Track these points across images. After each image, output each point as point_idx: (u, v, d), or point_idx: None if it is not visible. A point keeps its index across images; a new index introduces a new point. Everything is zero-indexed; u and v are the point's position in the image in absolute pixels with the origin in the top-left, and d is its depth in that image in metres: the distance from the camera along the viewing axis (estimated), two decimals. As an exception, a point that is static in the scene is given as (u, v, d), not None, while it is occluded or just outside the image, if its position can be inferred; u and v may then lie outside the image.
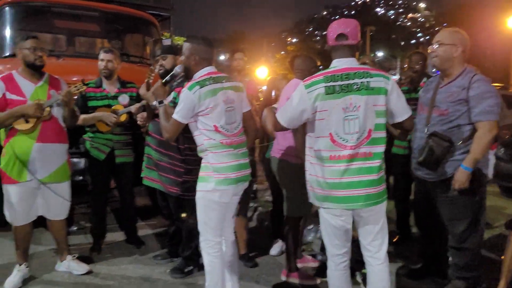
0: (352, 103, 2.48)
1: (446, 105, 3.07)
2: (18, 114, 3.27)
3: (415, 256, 3.92)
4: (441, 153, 3.02)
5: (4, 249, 4.18)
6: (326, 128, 2.52)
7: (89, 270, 3.75)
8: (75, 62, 5.15)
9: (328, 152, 2.53)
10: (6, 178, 3.37)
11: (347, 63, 2.56)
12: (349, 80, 2.48)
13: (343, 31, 2.57)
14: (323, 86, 2.48)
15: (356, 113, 2.49)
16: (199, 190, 2.89)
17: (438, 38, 3.13)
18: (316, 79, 2.52)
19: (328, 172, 2.54)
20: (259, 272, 3.88)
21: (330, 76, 2.50)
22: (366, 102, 2.48)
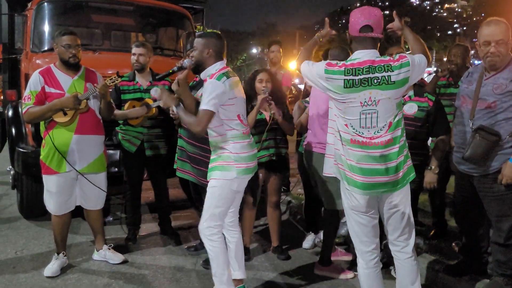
0: (372, 98, 2.43)
1: (493, 98, 2.94)
2: (57, 107, 3.35)
3: (452, 252, 3.82)
4: (488, 148, 2.90)
5: (43, 238, 4.32)
6: (344, 118, 2.51)
7: (125, 259, 3.83)
8: (111, 55, 5.23)
9: (349, 135, 2.51)
10: (46, 169, 3.47)
11: (369, 55, 2.47)
12: (369, 74, 2.42)
13: (368, 22, 2.46)
14: (342, 79, 2.43)
15: (375, 108, 2.44)
16: (218, 178, 2.91)
17: (497, 38, 2.92)
18: (337, 70, 2.46)
19: (348, 153, 2.53)
20: (292, 265, 3.86)
21: (351, 69, 2.44)
22: (386, 96, 2.43)
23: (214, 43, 2.92)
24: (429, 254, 3.80)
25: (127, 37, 6.45)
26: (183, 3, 6.14)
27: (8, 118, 5.13)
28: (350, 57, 2.51)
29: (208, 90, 2.80)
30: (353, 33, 2.50)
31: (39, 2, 5.05)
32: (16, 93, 5.43)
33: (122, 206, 4.83)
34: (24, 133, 4.69)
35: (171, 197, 4.48)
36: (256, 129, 3.75)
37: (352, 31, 2.51)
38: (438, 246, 4.02)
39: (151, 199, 5.13)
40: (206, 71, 2.93)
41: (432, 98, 3.43)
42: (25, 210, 4.87)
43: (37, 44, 4.96)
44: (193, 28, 6.04)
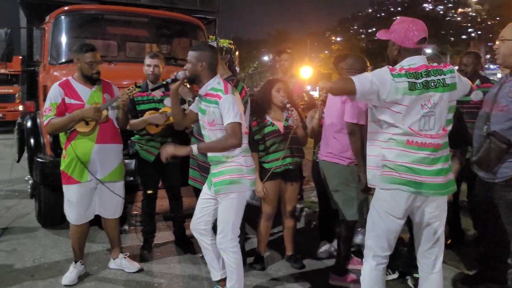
0: (431, 100, 2.47)
1: (506, 101, 2.95)
2: (78, 118, 3.45)
3: (469, 261, 3.78)
4: (497, 154, 2.90)
5: (60, 246, 4.39)
6: (401, 122, 2.49)
7: (140, 268, 3.88)
8: (126, 66, 5.33)
9: (405, 137, 2.50)
10: (67, 179, 3.54)
11: (422, 61, 2.53)
12: (428, 77, 2.48)
13: (425, 35, 2.54)
14: (407, 81, 2.45)
15: (433, 110, 2.49)
16: (235, 191, 3.00)
17: (501, 34, 3.04)
18: (401, 73, 2.47)
19: (401, 155, 2.51)
20: (306, 274, 3.87)
21: (412, 73, 2.47)
22: (443, 99, 2.50)
23: (207, 56, 2.98)
24: (445, 263, 3.77)
25: (141, 48, 6.56)
26: (196, 14, 6.22)
27: (26, 128, 5.24)
28: (403, 63, 2.54)
29: (228, 104, 2.87)
30: (408, 45, 2.53)
31: (57, 15, 5.17)
32: (34, 104, 5.56)
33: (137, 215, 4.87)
34: (42, 143, 4.79)
35: (186, 206, 4.52)
36: (269, 140, 3.76)
37: (407, 43, 2.53)
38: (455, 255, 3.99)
39: (166, 208, 5.18)
40: (206, 86, 2.99)
41: None
42: (43, 219, 4.96)
43: (55, 56, 5.07)
44: (206, 38, 6.12)
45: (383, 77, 2.45)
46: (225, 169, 3.00)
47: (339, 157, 3.50)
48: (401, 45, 2.54)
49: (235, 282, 3.07)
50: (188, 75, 3.01)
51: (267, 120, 3.78)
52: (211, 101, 2.94)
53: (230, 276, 3.09)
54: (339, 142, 3.50)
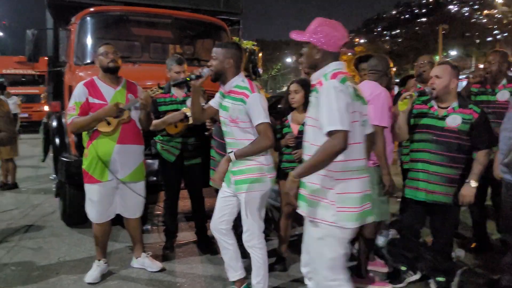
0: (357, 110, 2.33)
1: None
2: (100, 116, 3.48)
3: (495, 266, 3.68)
4: None
5: (84, 245, 4.45)
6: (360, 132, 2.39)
7: (162, 267, 3.89)
8: (150, 67, 5.37)
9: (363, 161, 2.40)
10: (88, 178, 3.58)
11: (345, 68, 2.41)
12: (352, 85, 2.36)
13: (348, 39, 2.44)
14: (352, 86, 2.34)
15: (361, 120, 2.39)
16: (258, 190, 3.03)
17: None
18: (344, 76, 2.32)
19: None
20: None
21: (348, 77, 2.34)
22: (361, 111, 2.40)
23: (234, 54, 3.01)
24: (470, 268, 3.70)
25: (165, 49, 6.61)
26: (220, 15, 6.24)
27: (52, 128, 5.33)
28: (331, 67, 2.33)
29: (256, 104, 2.91)
30: (333, 49, 2.35)
31: (82, 16, 5.25)
32: (60, 105, 5.65)
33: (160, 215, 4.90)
34: (67, 142, 4.87)
35: (207, 206, 4.52)
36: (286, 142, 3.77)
37: (331, 47, 2.34)
38: (480, 259, 3.90)
39: (188, 208, 5.20)
40: (231, 83, 3.01)
41: (478, 110, 3.25)
42: (67, 217, 5.03)
43: (80, 57, 5.15)
44: (229, 39, 6.12)
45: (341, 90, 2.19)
46: (245, 168, 3.00)
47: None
48: (324, 48, 2.33)
49: (262, 277, 3.13)
50: (214, 71, 3.01)
51: (287, 121, 3.78)
52: (236, 98, 2.96)
53: (257, 272, 3.13)
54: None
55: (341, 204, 2.27)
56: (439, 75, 3.27)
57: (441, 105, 3.34)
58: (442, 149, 3.25)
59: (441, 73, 3.27)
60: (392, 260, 4.02)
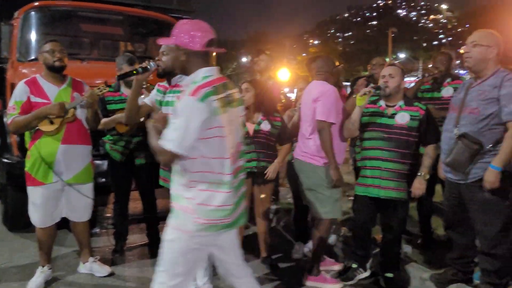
0: (231, 117, 2.25)
1: (476, 103, 3.02)
2: (42, 115, 3.31)
3: (439, 261, 3.83)
4: (470, 155, 2.97)
5: (28, 250, 4.25)
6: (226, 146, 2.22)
7: (111, 272, 3.78)
8: (99, 65, 5.21)
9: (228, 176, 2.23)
10: (31, 180, 3.41)
11: (217, 72, 2.28)
12: (225, 92, 2.21)
13: (212, 36, 2.24)
14: (217, 98, 2.14)
15: (234, 127, 2.29)
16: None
17: (473, 39, 3.07)
18: (209, 90, 2.11)
19: None
20: (281, 276, 3.84)
21: (216, 86, 2.16)
22: (237, 115, 2.32)
23: None
24: (416, 263, 3.82)
25: (116, 47, 6.44)
26: (172, 13, 6.16)
27: (-7, 128, 5.06)
28: (198, 78, 2.19)
29: None
30: (196, 47, 2.20)
31: (26, 11, 5.03)
32: (1, 103, 5.38)
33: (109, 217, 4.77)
34: (9, 143, 4.64)
35: (160, 208, 4.43)
36: None
37: (193, 45, 2.20)
38: (426, 255, 4.04)
39: (139, 210, 5.08)
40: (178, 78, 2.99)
41: (423, 107, 3.46)
42: (9, 222, 4.80)
43: (23, 53, 4.93)
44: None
45: (198, 109, 2.07)
46: None
47: (314, 157, 3.51)
48: (187, 48, 2.20)
49: (208, 278, 3.12)
50: (163, 67, 2.94)
51: None
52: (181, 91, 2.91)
53: (204, 273, 3.09)
54: (314, 143, 3.51)
55: (197, 215, 2.19)
56: (393, 74, 3.44)
57: (389, 104, 3.49)
58: (393, 145, 3.39)
59: (395, 73, 3.45)
60: (343, 257, 4.10)
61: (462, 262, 3.40)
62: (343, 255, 4.19)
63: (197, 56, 2.21)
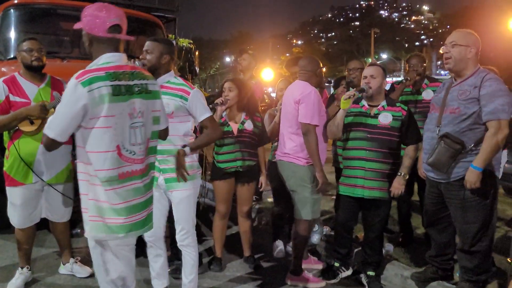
0: (136, 108, 2.15)
1: (457, 103, 3.05)
2: (22, 116, 3.25)
3: (420, 258, 3.88)
4: (451, 155, 2.99)
5: (7, 251, 4.17)
6: (114, 139, 2.09)
7: (92, 272, 3.73)
8: (80, 64, 5.10)
9: (116, 170, 2.11)
10: (10, 181, 3.36)
11: (122, 59, 2.19)
12: (130, 80, 2.14)
13: (118, 22, 2.15)
14: (109, 84, 2.05)
15: (141, 120, 2.19)
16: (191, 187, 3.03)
17: (451, 39, 3.10)
18: (96, 76, 2.03)
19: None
20: (264, 275, 3.85)
21: (113, 73, 2.08)
22: (147, 108, 2.23)
23: (171, 50, 3.02)
24: (398, 261, 3.86)
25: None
26: (155, 12, 6.11)
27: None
28: (106, 61, 2.12)
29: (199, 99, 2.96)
30: (98, 32, 2.12)
31: (5, 8, 4.94)
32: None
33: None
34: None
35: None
36: (223, 141, 3.76)
37: (96, 30, 2.12)
38: (406, 253, 4.10)
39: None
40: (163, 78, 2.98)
41: (405, 108, 3.50)
42: (-13, 222, 4.70)
43: (3, 51, 4.85)
44: (165, 36, 6.01)
45: (76, 97, 1.99)
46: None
47: (295, 157, 3.52)
48: (91, 32, 2.13)
49: (195, 276, 3.11)
50: (148, 65, 2.93)
51: (224, 119, 3.77)
52: (174, 94, 2.93)
53: (191, 270, 3.09)
54: (294, 143, 3.52)
55: (92, 213, 2.13)
56: (374, 75, 3.45)
57: (371, 104, 3.52)
58: (376, 145, 3.42)
59: (376, 73, 3.46)
60: (326, 256, 4.13)
61: (441, 260, 3.45)
62: (325, 254, 4.22)
63: (100, 41, 2.14)
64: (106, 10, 2.14)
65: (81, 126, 2.04)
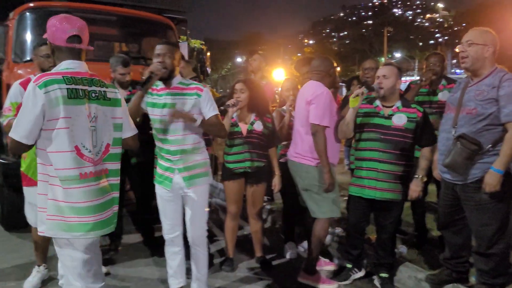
0: (91, 113, 2.25)
1: (474, 104, 2.98)
2: None
3: (434, 261, 3.86)
4: (468, 156, 2.94)
5: (24, 250, 4.25)
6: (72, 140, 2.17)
7: (107, 271, 3.79)
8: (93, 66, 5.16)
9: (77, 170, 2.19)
10: (27, 181, 3.42)
11: (82, 67, 2.30)
12: (88, 86, 2.25)
13: (77, 32, 2.27)
14: (65, 87, 2.15)
15: (94, 125, 2.27)
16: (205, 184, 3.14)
17: (468, 38, 3.03)
18: (52, 79, 2.14)
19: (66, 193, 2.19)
20: (276, 275, 3.87)
21: (71, 77, 2.19)
22: (104, 114, 2.32)
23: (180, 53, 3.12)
24: (411, 263, 3.83)
25: (110, 47, 6.44)
26: (166, 13, 6.16)
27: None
28: (61, 67, 2.26)
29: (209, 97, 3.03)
30: (59, 42, 2.25)
31: (21, 11, 5.02)
32: (-4, 104, 5.36)
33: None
34: (4, 144, 4.64)
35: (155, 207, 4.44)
36: (232, 140, 3.78)
37: (57, 41, 2.26)
38: (420, 255, 4.07)
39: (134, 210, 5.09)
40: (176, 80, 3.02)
41: (420, 109, 3.43)
42: (5, 222, 4.80)
43: (19, 54, 4.93)
44: (176, 37, 6.05)
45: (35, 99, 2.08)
46: (194, 164, 3.03)
47: (307, 157, 3.52)
48: (53, 42, 2.27)
49: (205, 274, 3.20)
50: (168, 69, 2.96)
51: (234, 120, 3.78)
52: (189, 93, 2.97)
53: (203, 270, 3.17)
54: (306, 143, 3.52)
55: (51, 212, 2.18)
56: (386, 75, 3.40)
57: (385, 105, 3.46)
58: (389, 147, 3.37)
59: (389, 73, 3.41)
60: (338, 258, 4.12)
61: (456, 262, 3.40)
62: (337, 255, 4.21)
63: (60, 50, 2.26)
64: (66, 22, 2.26)
65: (42, 128, 2.13)
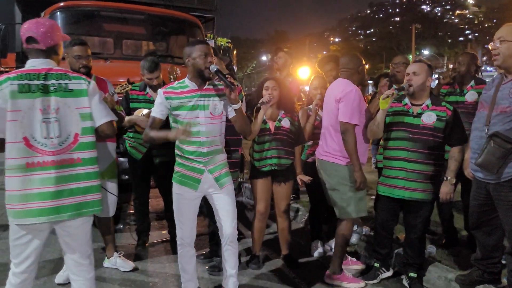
0: (51, 105, 2.36)
1: (508, 102, 2.90)
2: None
3: (464, 261, 3.76)
4: (502, 155, 2.85)
5: (54, 245, 4.31)
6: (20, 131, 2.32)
7: (135, 267, 3.84)
8: (122, 64, 5.28)
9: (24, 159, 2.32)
10: None
11: (45, 64, 2.42)
12: (46, 80, 2.37)
13: (31, 34, 2.41)
14: (17, 83, 2.32)
15: (56, 116, 2.37)
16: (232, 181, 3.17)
17: (500, 35, 2.95)
18: (9, 76, 2.34)
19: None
20: (302, 274, 3.84)
21: (25, 74, 2.35)
22: (67, 105, 2.41)
23: None
24: (441, 263, 3.75)
25: (138, 46, 6.52)
26: (194, 12, 6.19)
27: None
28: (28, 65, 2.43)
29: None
30: (24, 45, 2.48)
31: (52, 11, 5.13)
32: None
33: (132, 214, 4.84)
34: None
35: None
36: (260, 138, 3.77)
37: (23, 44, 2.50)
38: (450, 255, 3.98)
39: (161, 207, 5.15)
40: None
41: (450, 108, 3.33)
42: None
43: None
44: (203, 36, 6.08)
45: None
46: (221, 163, 3.06)
47: (336, 156, 3.48)
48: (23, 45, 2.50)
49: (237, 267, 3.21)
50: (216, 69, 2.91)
51: None
52: (220, 94, 2.98)
53: (236, 264, 3.17)
54: (336, 142, 3.47)
55: (6, 201, 2.37)
56: (417, 72, 3.32)
57: (414, 103, 3.39)
58: (419, 146, 3.30)
59: (419, 70, 3.32)
60: (366, 257, 4.07)
61: (488, 263, 3.32)
62: (365, 254, 4.16)
63: (28, 52, 2.46)
64: (26, 25, 2.45)
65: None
